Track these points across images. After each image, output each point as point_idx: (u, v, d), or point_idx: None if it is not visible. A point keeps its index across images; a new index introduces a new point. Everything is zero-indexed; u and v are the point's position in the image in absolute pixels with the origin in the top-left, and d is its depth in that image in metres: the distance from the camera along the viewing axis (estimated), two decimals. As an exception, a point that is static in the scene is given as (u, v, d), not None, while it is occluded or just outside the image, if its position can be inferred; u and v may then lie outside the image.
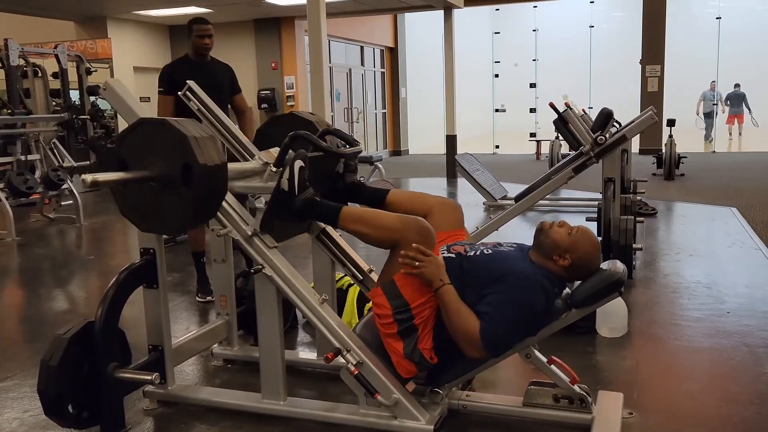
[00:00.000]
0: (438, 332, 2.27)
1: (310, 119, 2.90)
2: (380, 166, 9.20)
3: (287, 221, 2.49)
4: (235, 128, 2.94)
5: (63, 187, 7.22)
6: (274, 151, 2.59)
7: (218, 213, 2.38)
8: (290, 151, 2.43)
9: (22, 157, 7.75)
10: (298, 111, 3.00)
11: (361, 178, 2.75)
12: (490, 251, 2.38)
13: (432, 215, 2.50)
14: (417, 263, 2.20)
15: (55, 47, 9.54)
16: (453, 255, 2.36)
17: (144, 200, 2.19)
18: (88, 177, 1.96)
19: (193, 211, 2.16)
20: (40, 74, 9.31)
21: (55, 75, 9.55)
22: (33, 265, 5.65)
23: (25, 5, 10.06)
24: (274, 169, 2.47)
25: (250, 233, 2.41)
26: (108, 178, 2.08)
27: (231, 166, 2.38)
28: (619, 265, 2.32)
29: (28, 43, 9.64)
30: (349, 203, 2.63)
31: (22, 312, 4.42)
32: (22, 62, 8.99)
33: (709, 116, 15.91)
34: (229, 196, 2.42)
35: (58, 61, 9.45)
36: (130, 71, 11.50)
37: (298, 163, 2.37)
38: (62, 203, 7.54)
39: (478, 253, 2.37)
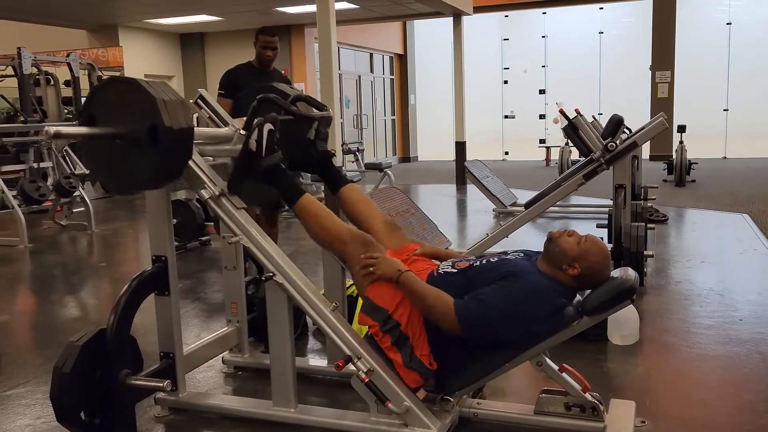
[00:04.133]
0: (433, 339, 2.30)
1: (289, 92, 2.89)
2: (389, 172, 9.21)
3: (255, 183, 2.50)
4: None
5: (75, 194, 7.26)
6: None
7: (187, 174, 2.40)
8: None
9: (35, 165, 7.83)
10: (279, 84, 2.99)
11: (332, 151, 2.81)
12: (495, 259, 2.40)
13: (373, 233, 2.56)
14: (371, 269, 2.30)
15: (68, 55, 9.63)
16: (456, 270, 2.38)
17: (110, 158, 2.22)
18: (51, 128, 1.97)
19: (158, 171, 2.19)
20: (52, 82, 9.41)
21: (67, 83, 9.64)
22: (45, 271, 5.68)
23: (38, 14, 10.17)
24: (243, 132, 2.48)
25: (217, 193, 2.42)
26: (72, 131, 2.11)
27: (201, 130, 2.43)
28: (631, 273, 2.31)
29: (40, 52, 9.73)
30: (310, 175, 2.69)
31: (34, 319, 4.44)
32: (34, 70, 9.09)
33: None
34: (198, 158, 2.44)
35: (71, 69, 9.54)
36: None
37: (267, 126, 2.40)
38: (74, 210, 7.58)
39: (484, 262, 2.40)
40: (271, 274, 2.42)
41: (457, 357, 2.32)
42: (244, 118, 2.57)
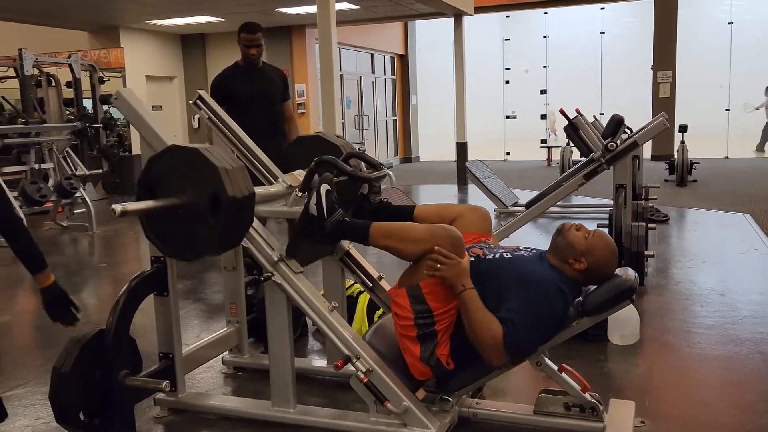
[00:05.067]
0: (454, 338, 2.26)
1: (335, 143, 2.90)
2: (390, 173, 9.19)
3: (315, 245, 2.49)
4: (250, 142, 2.94)
5: (76, 195, 7.27)
6: (298, 174, 2.60)
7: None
8: (315, 175, 2.44)
9: (36, 166, 7.84)
10: (324, 133, 3.00)
11: (386, 199, 2.75)
12: (509, 255, 2.36)
13: (461, 218, 2.52)
14: (438, 266, 2.20)
15: (69, 57, 9.64)
16: (472, 258, 2.32)
17: (170, 227, 2.19)
18: (118, 207, 1.96)
19: (220, 240, 2.17)
20: (54, 83, 9.43)
21: (68, 84, 9.65)
22: (46, 272, 5.67)
23: (39, 16, 10.18)
24: (299, 194, 2.48)
25: (276, 259, 2.41)
26: (137, 207, 2.08)
27: (256, 190, 2.38)
28: (631, 273, 2.30)
29: (42, 53, 9.74)
30: None
31: (35, 319, 4.44)
32: (36, 72, 9.11)
33: None
34: (255, 221, 2.41)
35: (72, 71, 9.56)
36: (142, 80, 11.60)
37: (325, 187, 2.38)
38: (75, 211, 7.60)
39: (497, 256, 2.35)
40: (269, 274, 2.42)
41: (466, 357, 2.29)
42: (294, 173, 2.57)
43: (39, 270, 2.37)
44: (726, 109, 14.93)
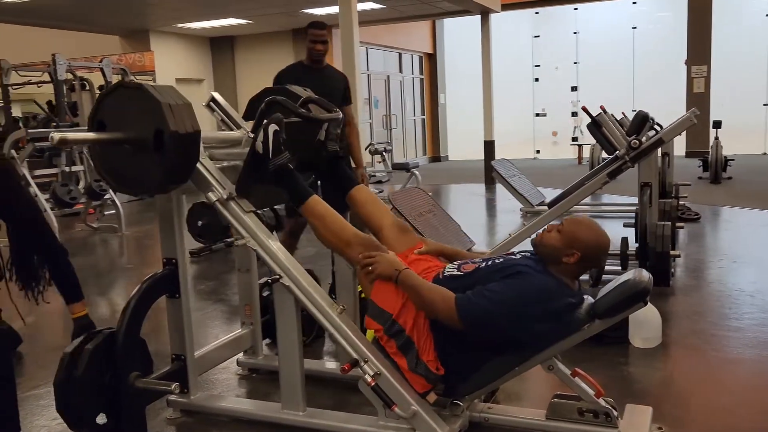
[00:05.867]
0: (439, 343, 2.25)
1: (300, 93, 2.87)
2: (416, 172, 9.17)
3: (263, 186, 2.50)
4: None
5: (106, 197, 7.40)
6: None
7: (195, 177, 2.40)
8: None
9: (67, 169, 8.00)
10: (292, 87, 2.96)
11: (342, 153, 2.86)
12: (501, 260, 2.36)
13: (383, 236, 2.58)
14: (369, 268, 2.28)
15: (101, 61, 9.82)
16: (462, 273, 2.34)
17: (119, 162, 2.27)
18: (56, 135, 2.01)
19: (165, 175, 2.22)
20: (87, 87, 9.60)
21: (101, 88, 9.82)
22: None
23: (71, 21, 10.41)
24: (251, 135, 2.50)
25: (225, 197, 2.41)
26: (78, 137, 2.14)
27: (211, 134, 2.46)
28: (645, 274, 2.24)
29: (77, 58, 9.94)
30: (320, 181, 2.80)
31: (60, 320, 4.51)
32: (70, 76, 9.29)
33: None
34: (207, 162, 2.44)
35: (103, 75, 9.72)
36: (172, 82, 11.74)
37: (273, 127, 2.40)
38: (105, 213, 7.73)
39: (489, 263, 2.35)
40: (278, 276, 2.41)
41: (465, 361, 2.28)
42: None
43: (73, 301, 2.48)
44: (764, 104, 14.52)
